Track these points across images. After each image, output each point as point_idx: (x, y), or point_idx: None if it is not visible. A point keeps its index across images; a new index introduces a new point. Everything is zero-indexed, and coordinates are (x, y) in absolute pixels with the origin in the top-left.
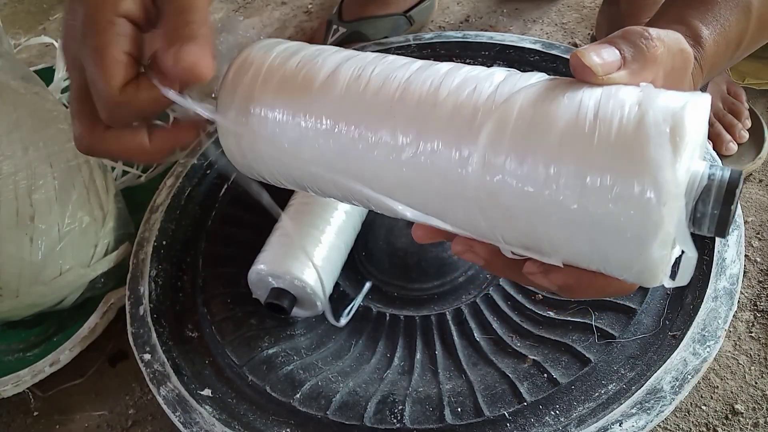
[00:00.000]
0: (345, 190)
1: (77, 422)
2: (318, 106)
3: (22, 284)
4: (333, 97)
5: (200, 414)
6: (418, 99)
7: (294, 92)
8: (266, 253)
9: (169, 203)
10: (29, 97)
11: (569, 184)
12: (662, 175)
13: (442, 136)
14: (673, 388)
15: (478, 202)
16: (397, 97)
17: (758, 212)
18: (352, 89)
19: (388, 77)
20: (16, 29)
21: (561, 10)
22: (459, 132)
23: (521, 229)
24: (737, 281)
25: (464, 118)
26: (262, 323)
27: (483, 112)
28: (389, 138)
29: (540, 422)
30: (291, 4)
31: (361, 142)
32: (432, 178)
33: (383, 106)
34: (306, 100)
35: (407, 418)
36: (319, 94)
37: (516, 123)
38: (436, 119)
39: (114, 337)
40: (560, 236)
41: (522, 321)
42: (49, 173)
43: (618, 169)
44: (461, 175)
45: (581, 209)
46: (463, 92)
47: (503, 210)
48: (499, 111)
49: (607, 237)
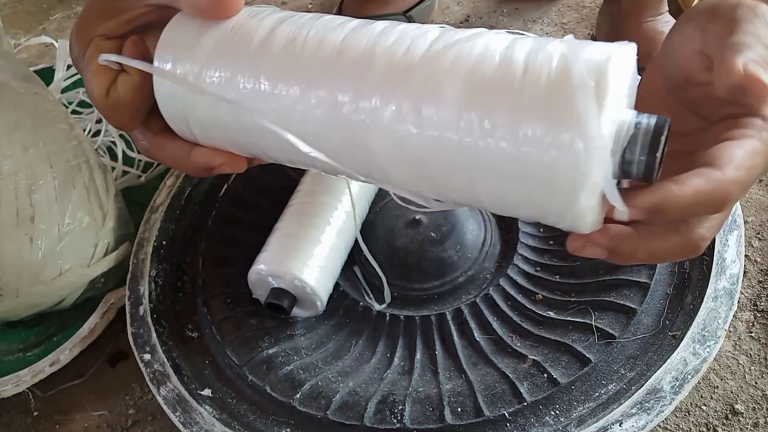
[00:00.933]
0: (288, 152)
1: (77, 422)
2: (257, 68)
3: (22, 284)
4: (271, 59)
5: (200, 414)
6: (354, 58)
7: (233, 53)
8: (266, 253)
9: (169, 203)
10: (29, 97)
11: (504, 135)
12: (588, 128)
13: (378, 93)
14: (673, 388)
15: (419, 162)
16: (334, 58)
17: (758, 212)
18: (288, 51)
19: (324, 38)
20: (16, 29)
21: (561, 10)
22: (396, 88)
23: (461, 184)
24: (737, 281)
25: (400, 75)
26: (262, 323)
27: (418, 68)
28: (328, 96)
29: (540, 422)
30: (291, 5)
31: (301, 102)
32: (371, 136)
33: (322, 66)
34: (245, 62)
35: (407, 418)
36: (257, 56)
37: (451, 77)
38: (373, 77)
39: (114, 337)
40: (497, 188)
41: (522, 321)
42: (49, 173)
43: (547, 122)
44: (401, 132)
45: (515, 160)
46: (398, 50)
47: (444, 167)
48: (433, 66)
49: (541, 187)
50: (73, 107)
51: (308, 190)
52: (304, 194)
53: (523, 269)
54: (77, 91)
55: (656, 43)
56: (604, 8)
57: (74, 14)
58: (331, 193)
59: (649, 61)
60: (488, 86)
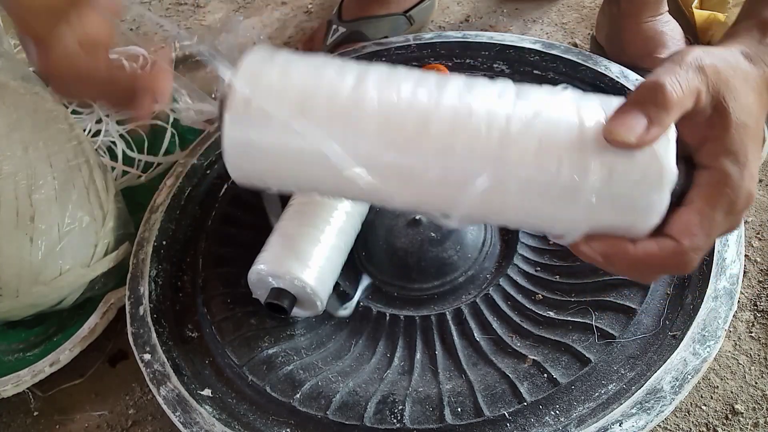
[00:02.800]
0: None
1: (77, 422)
2: (333, 131)
3: (22, 284)
4: (347, 124)
5: (200, 414)
6: (436, 134)
7: (306, 111)
8: (266, 253)
9: (169, 203)
10: (29, 97)
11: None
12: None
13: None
14: (673, 388)
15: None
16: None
17: (758, 212)
18: (381, 121)
19: (408, 111)
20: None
21: (561, 10)
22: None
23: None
24: (737, 281)
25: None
26: (262, 323)
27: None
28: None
29: (540, 422)
30: (291, 4)
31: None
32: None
33: (409, 137)
34: (320, 121)
35: (407, 418)
36: (332, 119)
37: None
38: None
39: (114, 337)
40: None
41: (522, 321)
42: (49, 173)
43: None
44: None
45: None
46: (486, 129)
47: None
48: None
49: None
50: (72, 107)
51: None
52: (303, 194)
53: (523, 269)
54: None
55: (656, 42)
56: (604, 8)
57: None
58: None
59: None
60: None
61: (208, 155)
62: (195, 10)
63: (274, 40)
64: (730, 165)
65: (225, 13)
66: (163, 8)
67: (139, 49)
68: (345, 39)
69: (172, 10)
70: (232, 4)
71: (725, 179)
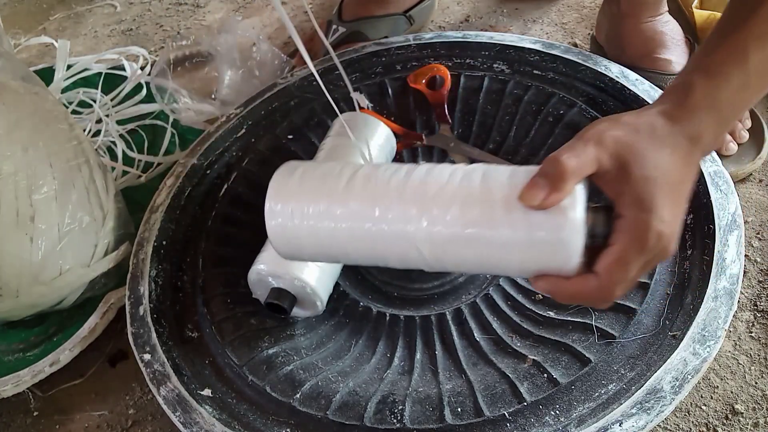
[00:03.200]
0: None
1: (77, 422)
2: (346, 208)
3: (22, 284)
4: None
5: (200, 414)
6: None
7: (323, 199)
8: (266, 253)
9: (169, 203)
10: (29, 98)
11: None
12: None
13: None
14: (673, 388)
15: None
16: (398, 192)
17: (758, 212)
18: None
19: (389, 181)
20: (16, 29)
21: (561, 10)
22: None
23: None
24: (737, 281)
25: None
26: (262, 323)
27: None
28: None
29: (540, 422)
30: (291, 4)
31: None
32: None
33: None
34: (335, 205)
35: (407, 418)
36: (343, 199)
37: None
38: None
39: (114, 337)
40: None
41: (522, 321)
42: (49, 173)
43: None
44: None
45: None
46: (437, 183)
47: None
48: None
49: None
50: (73, 107)
51: None
52: None
53: None
54: (77, 91)
55: (655, 43)
56: (604, 8)
57: (74, 14)
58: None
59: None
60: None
61: (208, 155)
62: (195, 10)
63: (273, 41)
64: (637, 213)
65: (225, 13)
66: (163, 8)
67: (139, 50)
68: (345, 39)
69: (172, 10)
70: (231, 4)
71: (634, 225)
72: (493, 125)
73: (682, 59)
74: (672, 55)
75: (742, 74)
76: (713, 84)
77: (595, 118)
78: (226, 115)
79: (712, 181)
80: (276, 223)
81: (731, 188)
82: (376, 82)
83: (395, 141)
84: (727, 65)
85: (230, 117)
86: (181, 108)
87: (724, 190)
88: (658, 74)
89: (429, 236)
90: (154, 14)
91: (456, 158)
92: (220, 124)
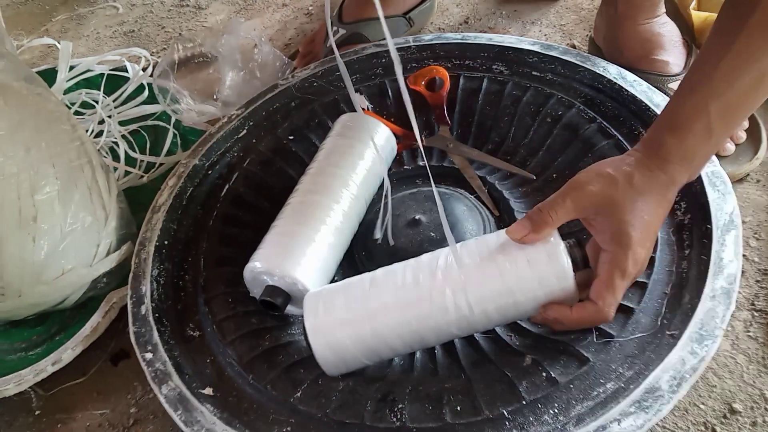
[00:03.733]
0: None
1: (79, 421)
2: (377, 321)
3: (25, 284)
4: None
5: (201, 413)
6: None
7: (355, 316)
8: (261, 251)
9: (171, 203)
10: (32, 98)
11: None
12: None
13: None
14: (671, 387)
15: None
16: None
17: (756, 212)
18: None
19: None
20: (19, 30)
21: (559, 11)
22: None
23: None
24: (735, 281)
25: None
26: (263, 322)
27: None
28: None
29: (539, 421)
30: (292, 6)
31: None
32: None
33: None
34: (365, 320)
35: (407, 416)
36: (372, 316)
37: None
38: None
39: (116, 336)
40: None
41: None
42: (51, 174)
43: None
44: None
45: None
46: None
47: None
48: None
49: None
50: (75, 108)
51: (305, 190)
52: (301, 194)
53: None
54: (79, 92)
55: (653, 44)
56: (602, 10)
57: (76, 16)
58: (328, 193)
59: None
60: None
61: (209, 156)
62: (197, 11)
63: (275, 42)
64: (616, 248)
65: (226, 14)
66: (165, 10)
67: (141, 51)
68: (345, 41)
69: (174, 12)
70: (233, 6)
71: (615, 257)
72: (492, 126)
73: (680, 61)
74: (669, 56)
75: (704, 126)
76: (680, 136)
77: (593, 118)
78: (227, 116)
79: (709, 181)
80: (320, 343)
81: (729, 188)
82: (375, 83)
83: (395, 142)
84: (691, 121)
85: (232, 118)
86: (183, 109)
87: (721, 190)
88: (656, 75)
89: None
90: (156, 16)
91: (455, 159)
92: (222, 124)
